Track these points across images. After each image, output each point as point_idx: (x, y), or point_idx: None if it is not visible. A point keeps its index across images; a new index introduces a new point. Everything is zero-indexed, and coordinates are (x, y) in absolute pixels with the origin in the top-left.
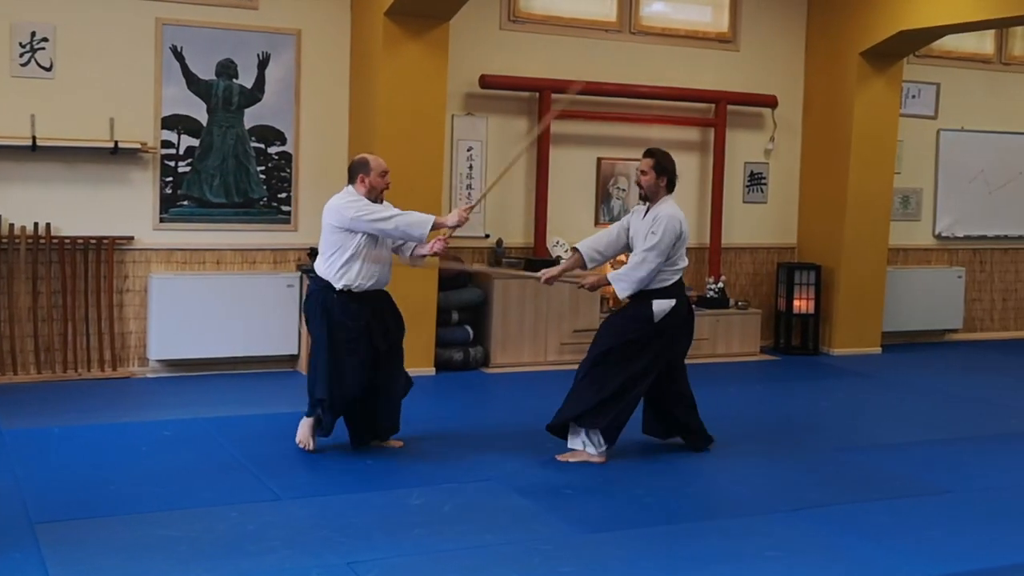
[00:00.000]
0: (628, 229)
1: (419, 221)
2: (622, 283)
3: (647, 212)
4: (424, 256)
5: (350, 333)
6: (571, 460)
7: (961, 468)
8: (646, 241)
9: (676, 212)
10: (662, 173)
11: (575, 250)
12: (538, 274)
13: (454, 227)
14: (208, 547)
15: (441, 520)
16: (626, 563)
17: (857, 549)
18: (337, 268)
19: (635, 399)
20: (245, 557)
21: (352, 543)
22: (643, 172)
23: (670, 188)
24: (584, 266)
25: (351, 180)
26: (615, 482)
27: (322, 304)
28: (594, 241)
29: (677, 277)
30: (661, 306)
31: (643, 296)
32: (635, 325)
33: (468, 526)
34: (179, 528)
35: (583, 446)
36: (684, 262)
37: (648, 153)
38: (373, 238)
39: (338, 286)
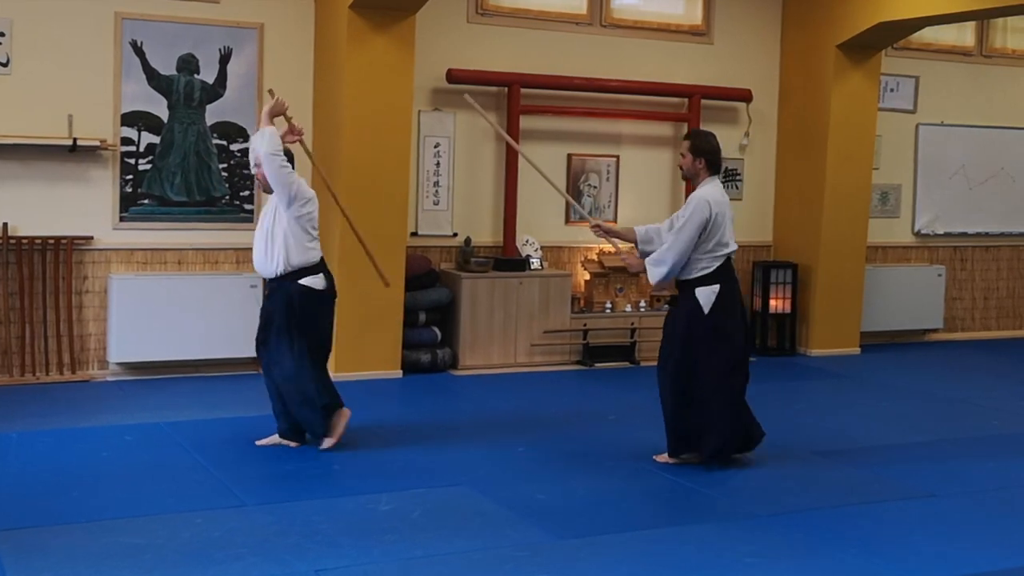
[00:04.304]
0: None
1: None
2: (652, 268)
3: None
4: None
5: None
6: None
7: (943, 470)
8: (675, 225)
9: (709, 194)
10: (699, 154)
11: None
12: (592, 220)
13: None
14: (173, 555)
15: (411, 526)
16: (601, 570)
17: (838, 554)
18: None
19: (725, 405)
20: (211, 564)
21: (320, 550)
22: (682, 155)
23: (713, 169)
24: (636, 244)
25: None
26: (589, 487)
27: None
28: (652, 226)
29: (719, 263)
30: (706, 295)
31: (685, 287)
32: (686, 321)
33: (438, 532)
34: (143, 535)
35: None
36: (728, 248)
37: (685, 135)
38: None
39: None
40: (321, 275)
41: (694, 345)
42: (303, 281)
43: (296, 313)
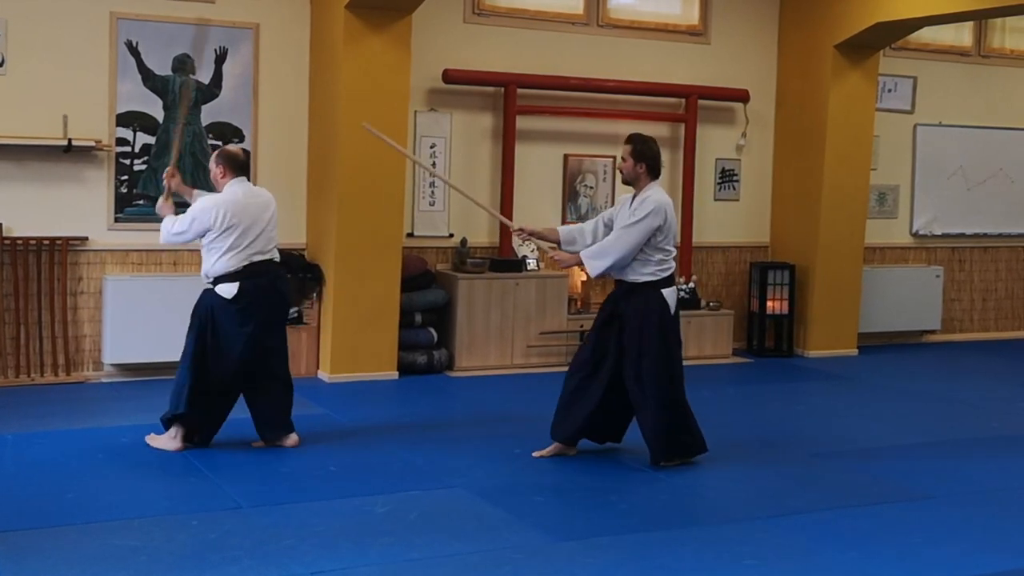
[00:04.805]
0: (612, 217)
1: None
2: (593, 260)
3: (633, 199)
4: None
5: None
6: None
7: (942, 472)
8: (623, 222)
9: (663, 198)
10: (640, 159)
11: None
12: (514, 225)
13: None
14: (168, 557)
15: (408, 528)
16: (599, 572)
17: (837, 557)
18: None
19: (684, 404)
20: (207, 567)
21: (317, 552)
22: (623, 159)
23: (653, 174)
24: (559, 244)
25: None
26: (587, 488)
27: None
28: (575, 226)
29: (674, 266)
30: (670, 295)
31: (649, 288)
32: (658, 323)
33: (436, 535)
34: (138, 537)
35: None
36: (675, 251)
37: (627, 139)
38: None
39: None
40: (236, 283)
41: (668, 346)
42: (217, 288)
43: (199, 316)
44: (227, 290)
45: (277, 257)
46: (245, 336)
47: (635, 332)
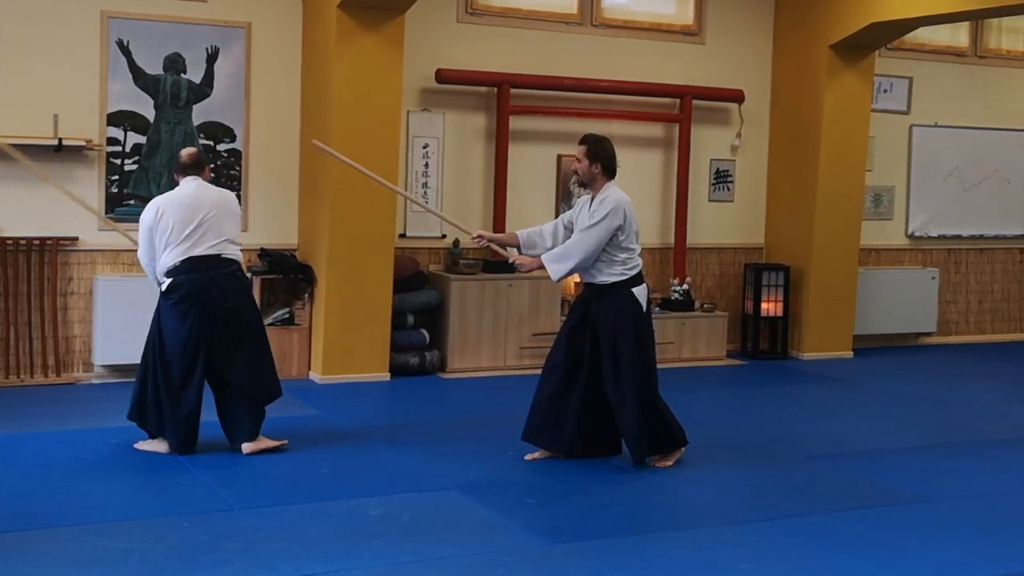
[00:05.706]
0: (572, 219)
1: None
2: (555, 264)
3: (592, 200)
4: None
5: None
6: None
7: (937, 476)
8: (583, 224)
9: (621, 197)
10: (595, 159)
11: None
12: (472, 232)
13: None
14: (160, 559)
15: (400, 531)
16: (592, 575)
17: (832, 560)
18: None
19: (661, 401)
20: (198, 569)
21: (308, 554)
22: (577, 160)
23: (609, 174)
24: (519, 249)
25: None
26: (580, 491)
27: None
28: (534, 229)
29: (641, 263)
30: (641, 292)
31: (618, 289)
32: (632, 322)
33: (428, 537)
34: (129, 539)
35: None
36: (639, 247)
37: (581, 140)
38: None
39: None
40: (171, 279)
41: (643, 345)
42: (162, 285)
43: (154, 315)
44: (165, 285)
45: (230, 255)
46: (184, 333)
47: (609, 335)
